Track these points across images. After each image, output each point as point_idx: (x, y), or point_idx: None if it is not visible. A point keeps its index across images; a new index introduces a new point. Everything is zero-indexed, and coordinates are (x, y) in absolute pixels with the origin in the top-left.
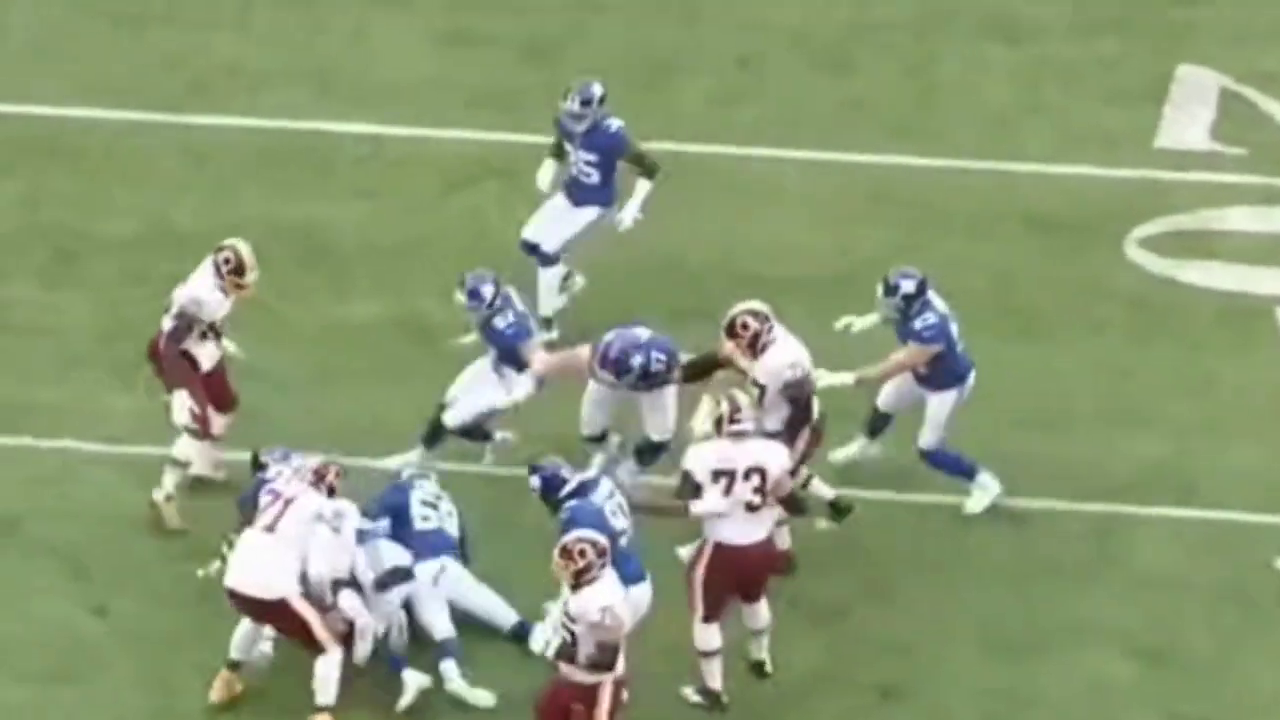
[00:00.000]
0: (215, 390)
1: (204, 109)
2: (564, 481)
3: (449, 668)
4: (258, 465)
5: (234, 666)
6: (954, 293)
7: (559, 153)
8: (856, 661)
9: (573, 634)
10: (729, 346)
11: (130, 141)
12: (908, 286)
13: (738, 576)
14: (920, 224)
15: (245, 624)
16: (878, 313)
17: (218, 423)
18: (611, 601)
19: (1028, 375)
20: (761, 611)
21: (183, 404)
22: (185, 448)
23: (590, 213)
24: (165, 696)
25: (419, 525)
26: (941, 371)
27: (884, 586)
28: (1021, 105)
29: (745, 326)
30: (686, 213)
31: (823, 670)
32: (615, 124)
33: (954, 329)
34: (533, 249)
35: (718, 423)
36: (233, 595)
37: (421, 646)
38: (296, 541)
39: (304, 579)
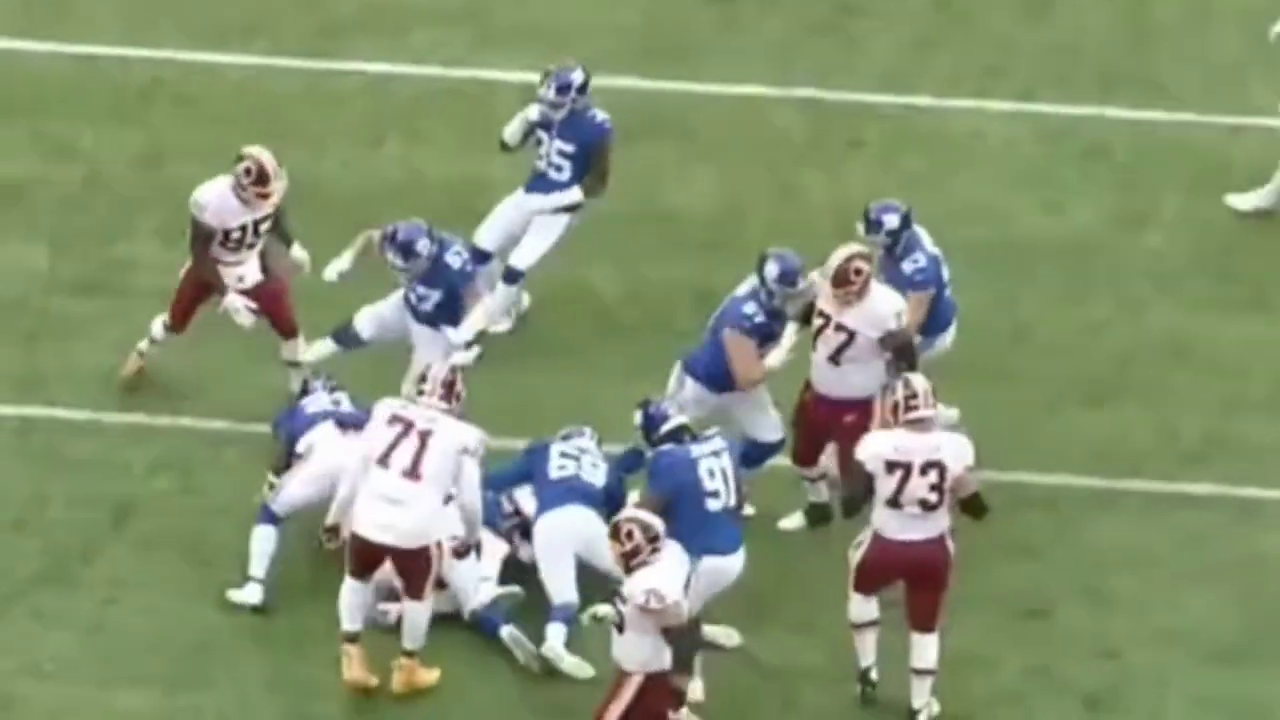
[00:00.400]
0: (272, 316)
1: (342, 53)
2: (666, 418)
3: (557, 630)
4: (303, 391)
5: (353, 639)
6: (1173, 260)
7: (534, 140)
8: (1060, 666)
9: (621, 616)
10: (830, 294)
11: (260, 87)
12: (891, 221)
13: (898, 576)
14: (1135, 184)
15: (350, 590)
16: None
17: (289, 347)
18: (657, 584)
19: (1257, 351)
20: (929, 648)
21: (235, 304)
22: (159, 330)
23: (561, 221)
24: (300, 698)
25: (554, 475)
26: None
27: (1092, 583)
28: (1249, 53)
29: (859, 273)
30: (874, 167)
31: (1022, 676)
32: (602, 115)
33: (945, 272)
34: (485, 257)
35: (894, 409)
36: (378, 549)
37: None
38: (441, 480)
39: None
